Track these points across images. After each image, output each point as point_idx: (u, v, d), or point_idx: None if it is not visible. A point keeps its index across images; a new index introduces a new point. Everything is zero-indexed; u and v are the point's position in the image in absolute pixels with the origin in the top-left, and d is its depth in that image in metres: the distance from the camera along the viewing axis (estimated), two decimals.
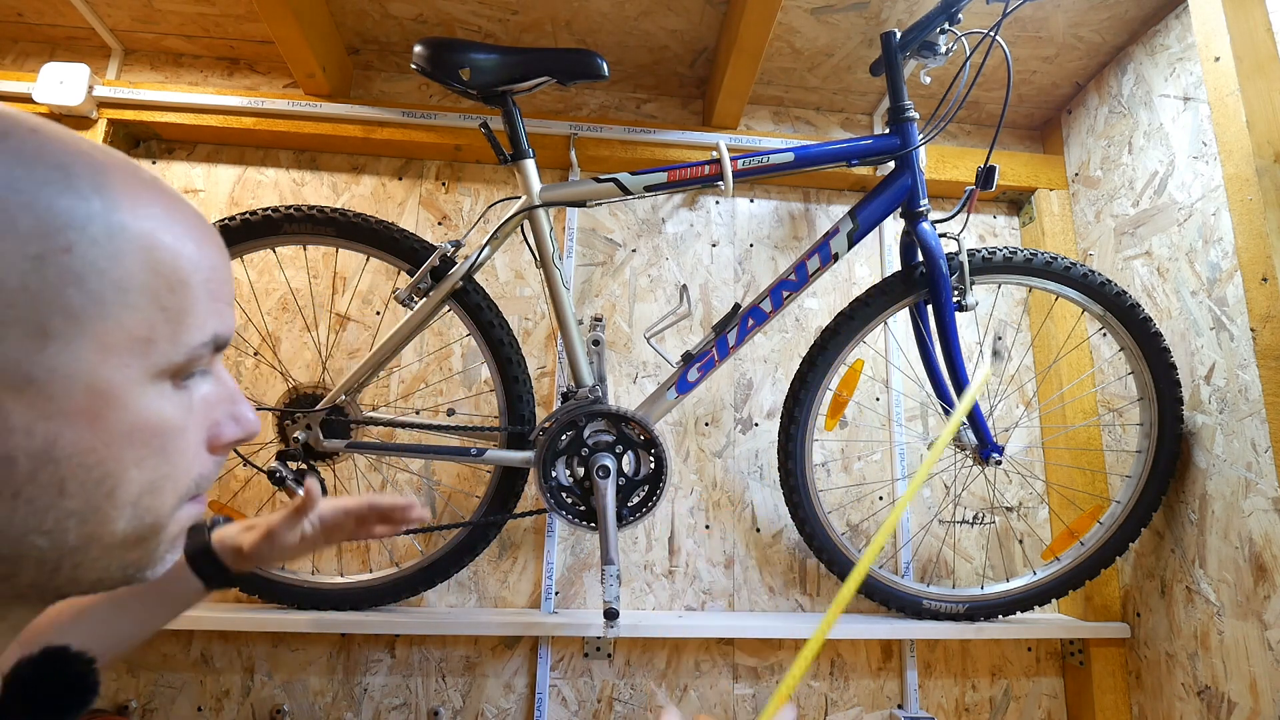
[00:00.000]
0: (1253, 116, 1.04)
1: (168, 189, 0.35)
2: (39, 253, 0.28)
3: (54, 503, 0.30)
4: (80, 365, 0.30)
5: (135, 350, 0.31)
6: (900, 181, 1.14)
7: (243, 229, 1.11)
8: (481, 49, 1.06)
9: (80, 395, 0.30)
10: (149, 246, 0.32)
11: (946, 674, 1.37)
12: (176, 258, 0.33)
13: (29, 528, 0.30)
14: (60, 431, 0.29)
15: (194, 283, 0.34)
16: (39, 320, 0.28)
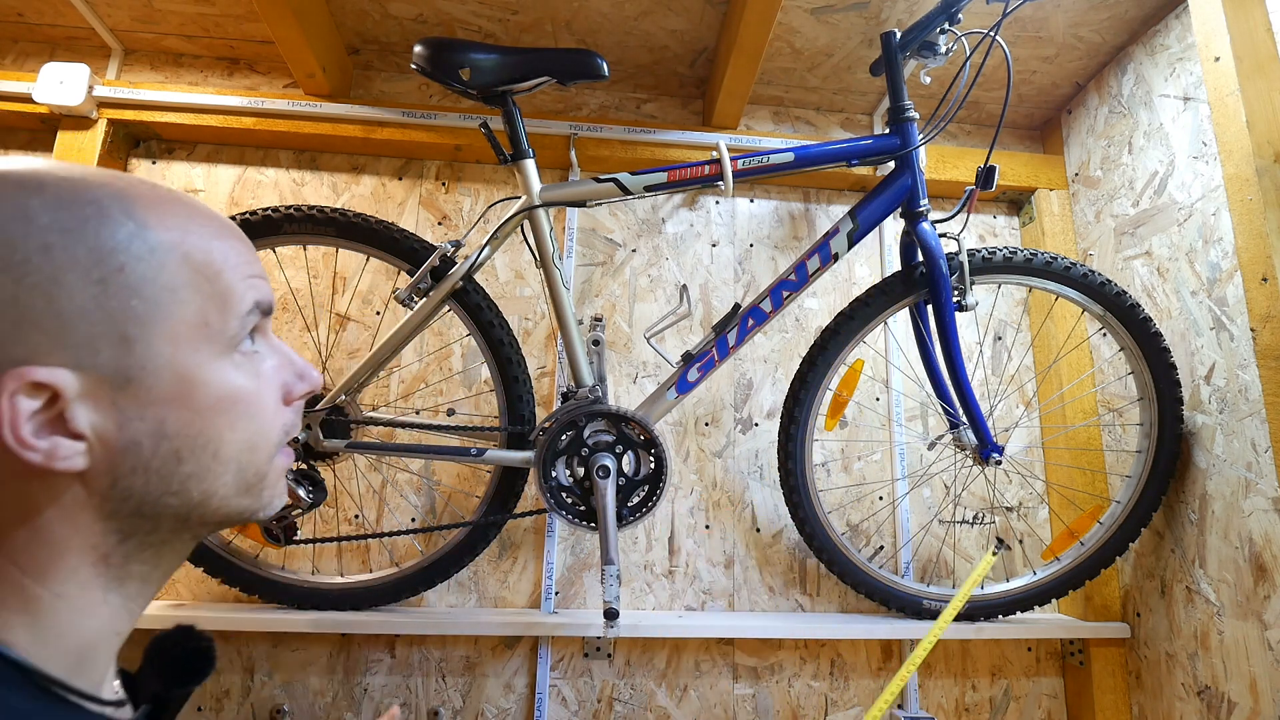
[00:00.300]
0: (1253, 116, 1.04)
1: (181, 197, 0.41)
2: (100, 277, 0.35)
3: (175, 470, 0.38)
4: (161, 358, 0.37)
5: (198, 335, 0.38)
6: (900, 181, 1.14)
7: (243, 229, 1.11)
8: (481, 49, 1.06)
9: (169, 382, 0.37)
10: (182, 250, 0.38)
11: (946, 674, 1.37)
12: (206, 253, 0.39)
13: (161, 491, 0.38)
14: (165, 414, 0.37)
15: (225, 267, 0.40)
16: (118, 330, 0.35)
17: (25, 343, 0.33)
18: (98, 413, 0.35)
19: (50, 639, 0.36)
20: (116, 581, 0.39)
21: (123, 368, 0.35)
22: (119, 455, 0.36)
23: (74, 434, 0.35)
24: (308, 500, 1.07)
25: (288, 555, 1.29)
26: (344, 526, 1.32)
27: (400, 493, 1.34)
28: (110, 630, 0.39)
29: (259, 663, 1.25)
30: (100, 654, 0.39)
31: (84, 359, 0.34)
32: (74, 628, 0.37)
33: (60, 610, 0.36)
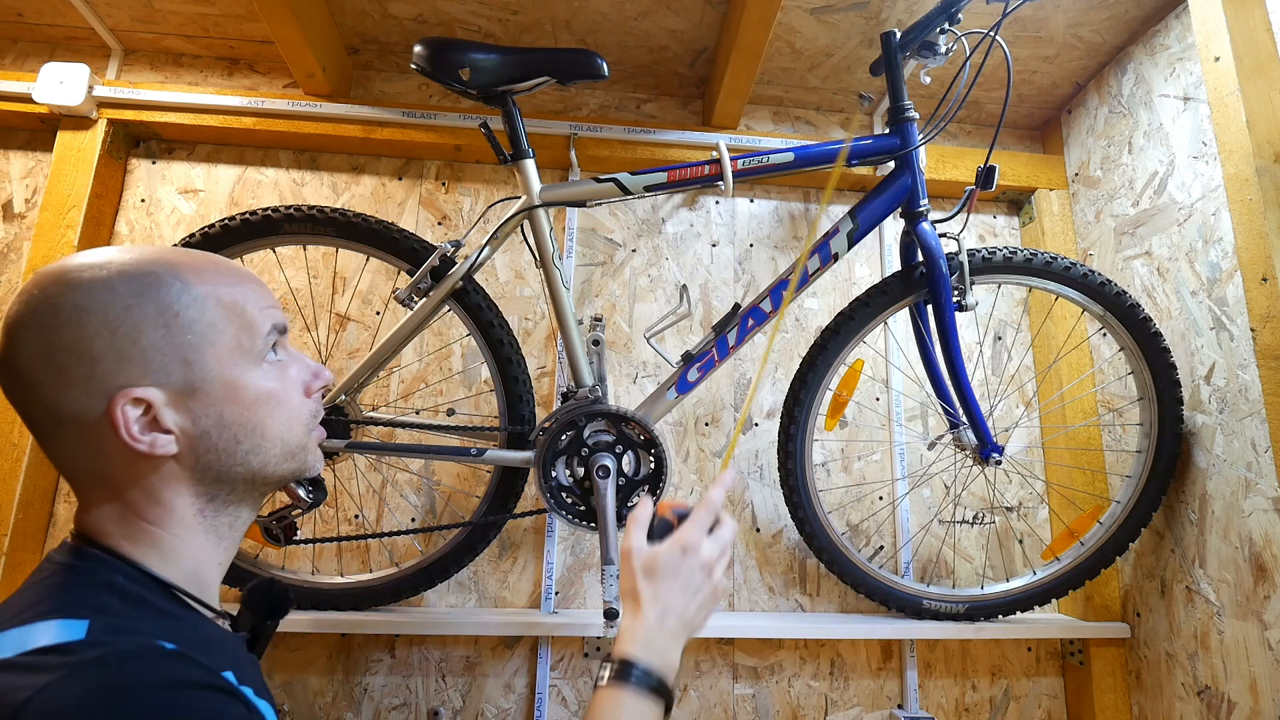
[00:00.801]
0: (1253, 116, 1.04)
1: (212, 258, 0.57)
2: (165, 323, 0.52)
3: (236, 448, 0.55)
4: (213, 373, 0.53)
5: (237, 353, 0.55)
6: (900, 181, 1.14)
7: (243, 229, 1.11)
8: (481, 49, 1.06)
9: (221, 388, 0.54)
10: (217, 297, 0.55)
11: (946, 674, 1.37)
12: (233, 295, 0.56)
13: (230, 464, 0.55)
14: (222, 410, 0.54)
15: (248, 304, 0.56)
16: (181, 356, 0.52)
17: (125, 373, 0.50)
18: (178, 414, 0.52)
19: (172, 563, 0.54)
20: (212, 526, 0.56)
21: (189, 382, 0.52)
22: (197, 441, 0.53)
23: (165, 430, 0.52)
24: (308, 500, 1.07)
25: (288, 555, 1.29)
26: (344, 526, 1.32)
27: (400, 493, 1.34)
28: (213, 560, 0.57)
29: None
30: (208, 576, 0.57)
31: (163, 379, 0.51)
32: (187, 556, 0.55)
33: (177, 545, 0.54)
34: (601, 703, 0.58)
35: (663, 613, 0.63)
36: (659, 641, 0.62)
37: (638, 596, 0.64)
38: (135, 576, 0.51)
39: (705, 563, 0.66)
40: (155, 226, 1.38)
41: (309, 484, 1.08)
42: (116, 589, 0.49)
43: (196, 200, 1.40)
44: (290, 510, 1.09)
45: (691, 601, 0.65)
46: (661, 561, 0.65)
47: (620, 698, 0.58)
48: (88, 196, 1.29)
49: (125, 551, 0.52)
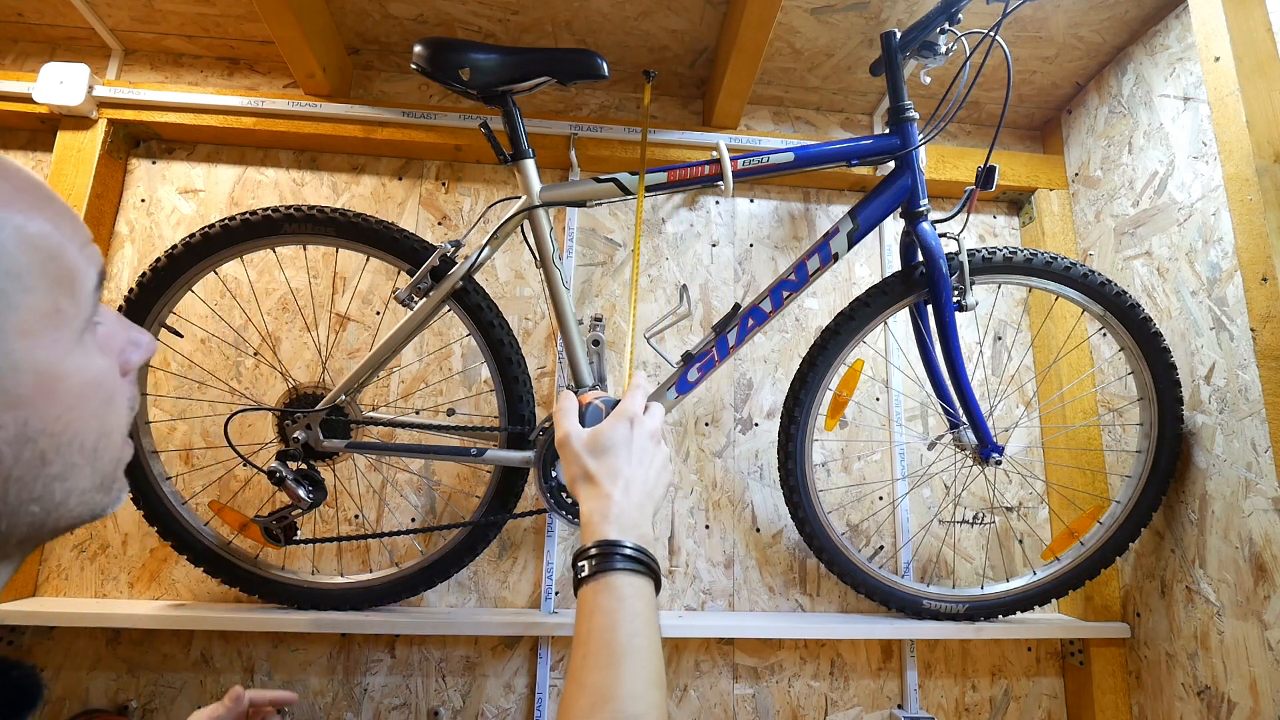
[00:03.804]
0: (1253, 116, 1.04)
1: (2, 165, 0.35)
2: None
3: (40, 472, 0.34)
4: (16, 356, 0.32)
5: (51, 324, 0.34)
6: (900, 181, 1.14)
7: (243, 229, 1.11)
8: (481, 49, 1.06)
9: (30, 380, 0.32)
10: (17, 228, 0.33)
11: (946, 674, 1.37)
12: (41, 226, 0.34)
13: (23, 499, 0.33)
14: (28, 415, 0.32)
15: (64, 242, 0.35)
16: None
17: None
18: None
19: None
20: None
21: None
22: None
23: None
24: (308, 500, 1.07)
25: (288, 555, 1.29)
26: (344, 526, 1.32)
27: (400, 493, 1.34)
28: None
29: (259, 663, 1.25)
30: None
31: None
32: None
33: None
34: (591, 600, 0.51)
35: (625, 485, 0.59)
36: (629, 515, 0.57)
37: (592, 477, 0.60)
38: None
39: (651, 431, 0.62)
40: (155, 226, 1.38)
41: (309, 484, 1.09)
42: None
43: (196, 200, 1.40)
44: (290, 510, 1.09)
45: (649, 469, 0.61)
46: (606, 436, 0.61)
47: (610, 585, 0.52)
48: (88, 196, 1.29)
49: None
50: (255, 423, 1.32)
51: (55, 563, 1.25)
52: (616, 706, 0.45)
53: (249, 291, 1.36)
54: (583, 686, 0.46)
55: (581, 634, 0.50)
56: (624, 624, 0.49)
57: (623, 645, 0.48)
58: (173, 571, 1.27)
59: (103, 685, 1.22)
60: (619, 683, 0.46)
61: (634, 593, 0.51)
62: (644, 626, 0.50)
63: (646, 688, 0.47)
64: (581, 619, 0.51)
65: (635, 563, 0.53)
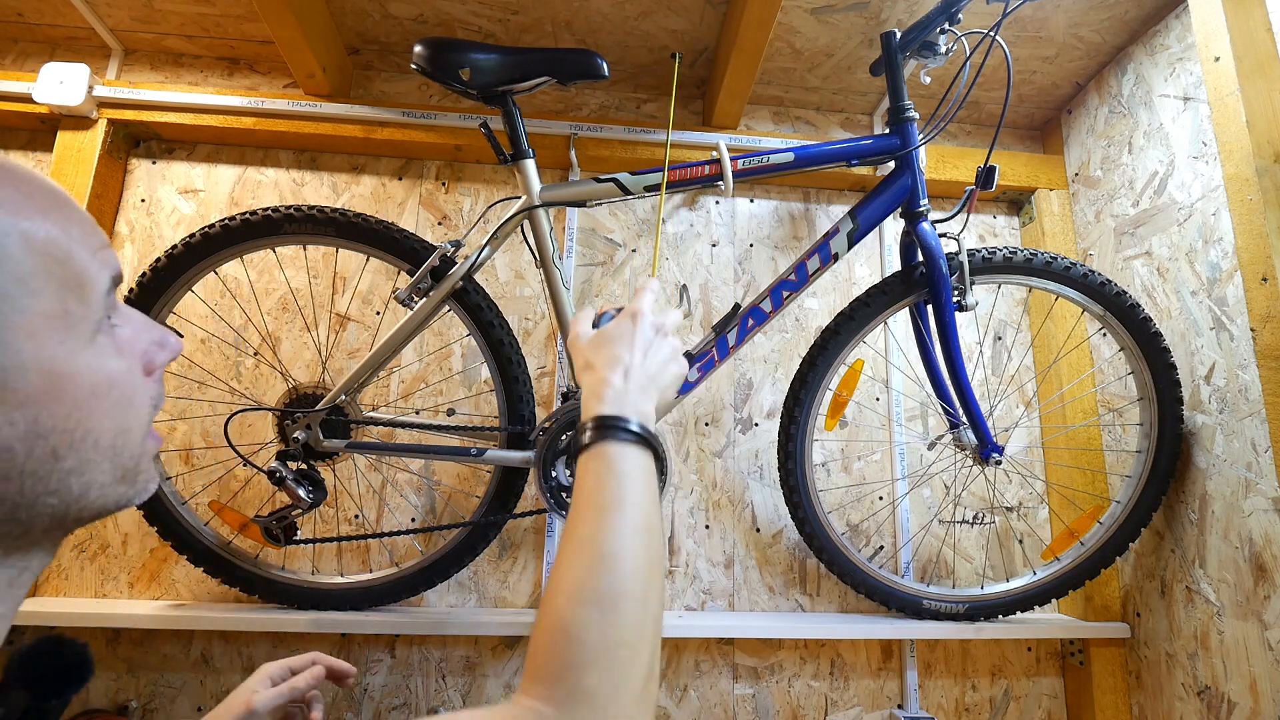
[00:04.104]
0: (1253, 116, 1.04)
1: (9, 170, 0.36)
2: None
3: (54, 468, 0.35)
4: (23, 357, 0.33)
5: (59, 326, 0.35)
6: (900, 181, 1.14)
7: (243, 229, 1.11)
8: (481, 49, 1.06)
9: (36, 380, 0.34)
10: (23, 234, 0.34)
11: (946, 674, 1.37)
12: (49, 231, 0.35)
13: (39, 493, 0.35)
14: (37, 413, 0.34)
15: (73, 246, 0.36)
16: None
17: None
18: None
19: None
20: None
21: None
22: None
23: None
24: (308, 500, 1.07)
25: (287, 555, 1.29)
26: (344, 526, 1.32)
27: (400, 493, 1.34)
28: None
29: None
30: None
31: None
32: None
33: None
34: (583, 469, 0.52)
35: (625, 370, 0.58)
36: (629, 395, 0.57)
37: (592, 365, 0.60)
38: None
39: (657, 324, 0.63)
40: (155, 226, 1.38)
41: (309, 484, 1.08)
42: None
43: (196, 200, 1.40)
44: (290, 510, 1.09)
45: (652, 357, 0.61)
46: (610, 330, 0.62)
47: (600, 453, 0.52)
48: (88, 196, 1.29)
49: None
50: (255, 423, 1.32)
51: (55, 563, 1.25)
52: (595, 550, 0.46)
53: (249, 291, 1.36)
54: (568, 540, 0.48)
55: (573, 501, 0.51)
56: (610, 482, 0.50)
57: (608, 499, 0.49)
58: (173, 571, 1.27)
59: (103, 685, 1.22)
60: (601, 529, 0.47)
61: (624, 457, 0.52)
62: (633, 484, 0.51)
63: (633, 532, 0.47)
64: (574, 489, 0.52)
65: (626, 433, 0.53)
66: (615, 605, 0.43)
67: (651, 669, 0.44)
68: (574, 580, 0.44)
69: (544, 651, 0.42)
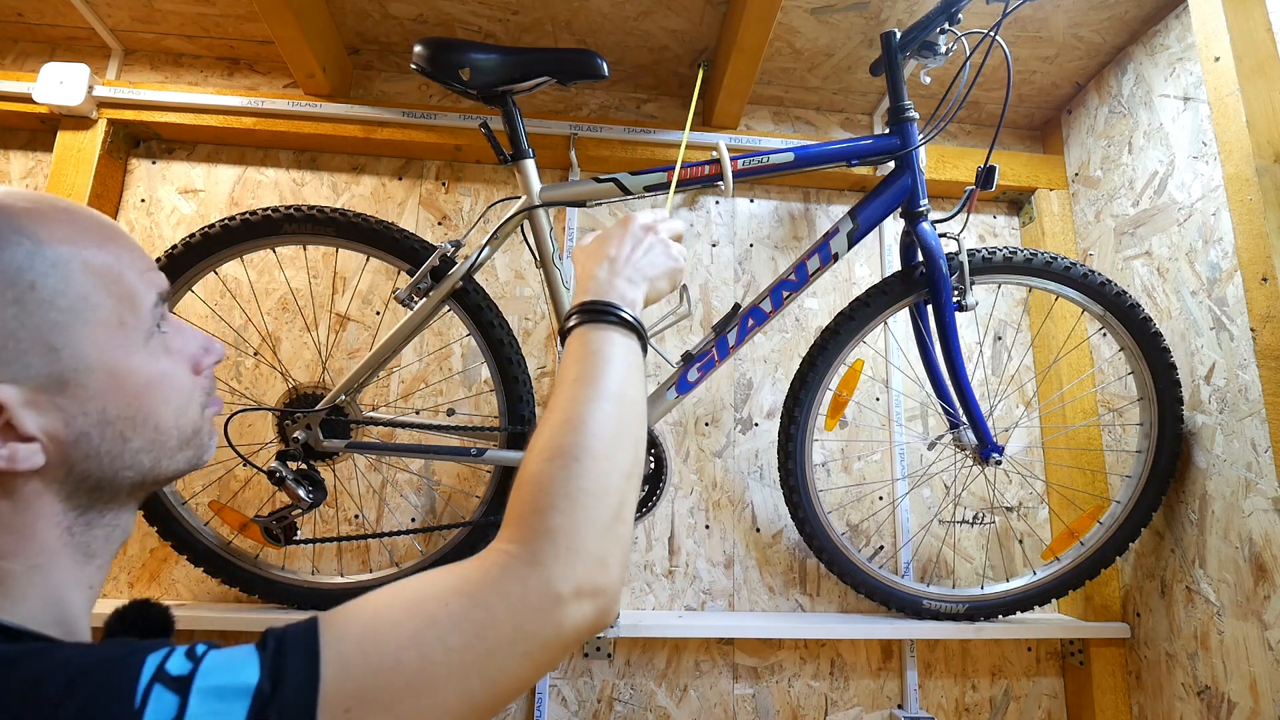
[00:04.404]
0: (1253, 116, 1.04)
1: (60, 204, 0.44)
2: (15, 297, 0.39)
3: (124, 448, 0.44)
4: (89, 359, 0.41)
5: (116, 333, 0.43)
6: (900, 181, 1.14)
7: (243, 229, 1.11)
8: (481, 49, 1.06)
9: (101, 377, 0.42)
10: (83, 261, 0.42)
11: (946, 674, 1.37)
12: (104, 259, 0.44)
13: (117, 469, 0.44)
14: (104, 404, 0.42)
15: (125, 269, 0.45)
16: (44, 341, 0.40)
17: None
18: (43, 415, 0.40)
19: (22, 600, 0.41)
20: (81, 543, 0.45)
21: (56, 373, 0.40)
22: (71, 447, 0.41)
23: (26, 438, 0.40)
24: (308, 500, 1.07)
25: (287, 555, 1.29)
26: (344, 526, 1.32)
27: (400, 493, 1.34)
28: (80, 583, 0.45)
29: None
30: (73, 605, 0.45)
31: (18, 373, 0.39)
32: (44, 587, 0.42)
33: (33, 578, 0.42)
34: (568, 349, 0.56)
35: (609, 264, 0.62)
36: (614, 283, 0.61)
37: (583, 265, 0.64)
38: None
39: (646, 224, 0.66)
40: (155, 226, 1.38)
41: (309, 484, 1.08)
42: None
43: (196, 200, 1.40)
44: (290, 510, 1.09)
45: (638, 249, 0.64)
46: (602, 235, 0.66)
47: (578, 335, 0.57)
48: (88, 196, 1.29)
49: None
50: (255, 423, 1.32)
51: None
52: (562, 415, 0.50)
53: (249, 291, 1.36)
54: (544, 414, 0.53)
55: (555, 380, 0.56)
56: (585, 361, 0.54)
57: (579, 374, 0.53)
58: (173, 571, 1.27)
59: None
60: (569, 399, 0.51)
61: (602, 339, 0.55)
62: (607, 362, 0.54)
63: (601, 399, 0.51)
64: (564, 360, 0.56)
65: (606, 317, 0.57)
66: (578, 459, 0.48)
67: (619, 514, 0.48)
68: (542, 441, 0.50)
69: (515, 502, 0.47)
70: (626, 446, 0.51)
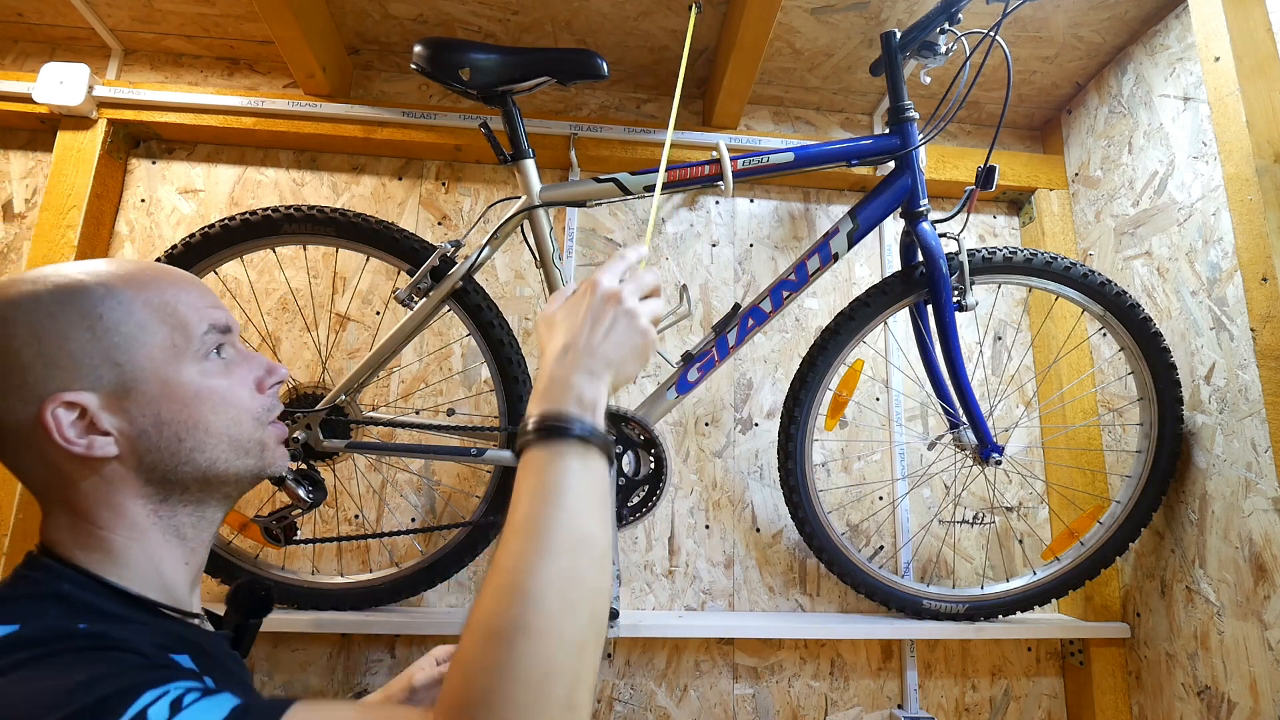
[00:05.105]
0: (1253, 116, 1.04)
1: (151, 268, 0.57)
2: (89, 326, 0.52)
3: (179, 446, 0.54)
4: (146, 371, 0.53)
5: (170, 353, 0.54)
6: (900, 181, 1.14)
7: (243, 229, 1.11)
8: (481, 49, 1.06)
9: (156, 386, 0.53)
10: (144, 300, 0.54)
11: (946, 674, 1.37)
12: (163, 299, 0.55)
13: (176, 463, 0.54)
14: (159, 408, 0.53)
15: (178, 304, 0.56)
16: (110, 358, 0.52)
17: (56, 378, 0.50)
18: (115, 415, 0.52)
19: (128, 567, 0.53)
20: (171, 526, 0.55)
21: (121, 383, 0.52)
22: (136, 441, 0.52)
23: (103, 432, 0.51)
24: (308, 500, 1.07)
25: (287, 555, 1.29)
26: (344, 526, 1.32)
27: (400, 493, 1.34)
28: (177, 560, 0.56)
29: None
30: (173, 577, 0.55)
31: (95, 383, 0.51)
32: (145, 559, 0.54)
33: (133, 548, 0.53)
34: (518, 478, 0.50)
35: (565, 352, 0.55)
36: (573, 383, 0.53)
37: (542, 347, 0.59)
38: (85, 584, 0.50)
39: (609, 293, 0.57)
40: (155, 226, 1.38)
41: (309, 484, 1.08)
42: (62, 597, 0.49)
43: (196, 200, 1.40)
44: (290, 510, 1.09)
45: (598, 328, 0.56)
46: (560, 309, 0.59)
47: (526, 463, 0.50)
48: (88, 196, 1.29)
49: (77, 560, 0.51)
50: None
51: None
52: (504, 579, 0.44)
53: (249, 291, 1.36)
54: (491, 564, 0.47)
55: None
56: (533, 497, 0.48)
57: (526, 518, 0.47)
58: None
59: None
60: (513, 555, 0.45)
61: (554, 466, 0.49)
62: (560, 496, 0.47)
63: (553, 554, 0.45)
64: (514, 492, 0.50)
65: (559, 435, 0.50)
66: (516, 640, 0.41)
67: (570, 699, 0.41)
68: (480, 612, 0.43)
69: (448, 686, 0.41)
70: (580, 611, 0.44)
